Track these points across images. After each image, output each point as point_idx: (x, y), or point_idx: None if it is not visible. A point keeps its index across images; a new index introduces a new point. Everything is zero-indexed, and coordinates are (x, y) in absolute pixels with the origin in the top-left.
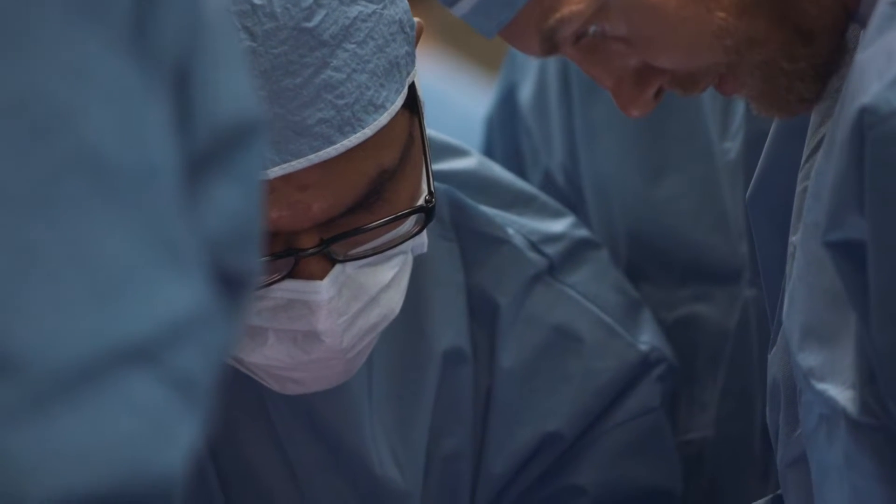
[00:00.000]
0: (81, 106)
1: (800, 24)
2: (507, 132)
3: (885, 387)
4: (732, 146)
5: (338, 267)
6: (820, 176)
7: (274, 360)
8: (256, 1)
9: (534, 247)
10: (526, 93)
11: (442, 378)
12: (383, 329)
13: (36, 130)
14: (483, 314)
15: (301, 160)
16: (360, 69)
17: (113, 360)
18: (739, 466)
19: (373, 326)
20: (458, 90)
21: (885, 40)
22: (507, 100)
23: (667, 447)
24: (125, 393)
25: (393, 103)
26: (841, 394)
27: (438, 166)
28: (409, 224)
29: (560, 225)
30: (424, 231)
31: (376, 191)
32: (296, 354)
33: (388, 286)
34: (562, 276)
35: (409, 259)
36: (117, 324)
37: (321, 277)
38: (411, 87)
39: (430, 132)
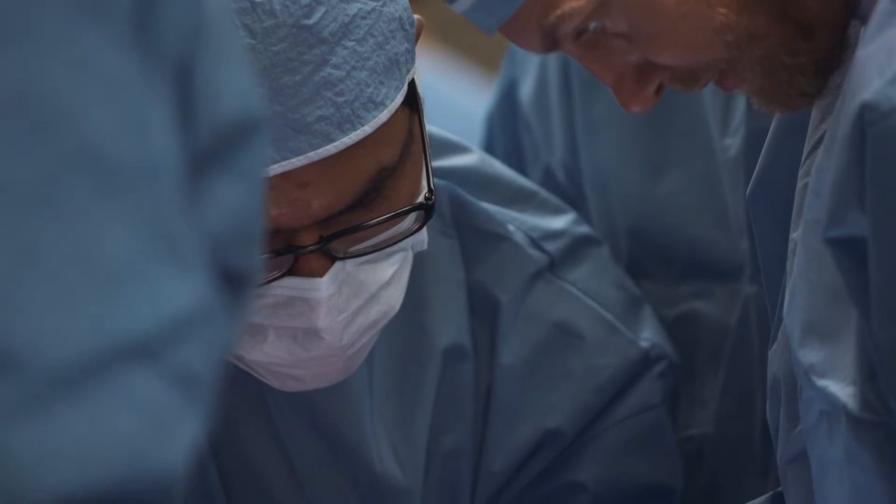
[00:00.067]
0: (83, 103)
1: (800, 19)
2: (507, 129)
3: (885, 383)
4: (733, 143)
5: (338, 264)
6: (821, 172)
7: (274, 358)
8: None
9: (534, 243)
10: (526, 89)
11: (442, 375)
12: (383, 326)
13: (37, 127)
14: (484, 311)
15: (301, 157)
16: (359, 66)
17: (114, 356)
18: (740, 463)
19: (373, 323)
20: (456, 90)
21: (886, 37)
22: (508, 96)
23: (667, 444)
24: (126, 390)
25: (393, 100)
26: (842, 390)
27: (439, 163)
28: (409, 221)
29: (561, 222)
30: (424, 228)
31: (376, 188)
32: (296, 352)
33: (388, 283)
34: (562, 273)
35: (410, 256)
36: (118, 320)
37: (321, 275)
38: (411, 85)
39: (431, 129)
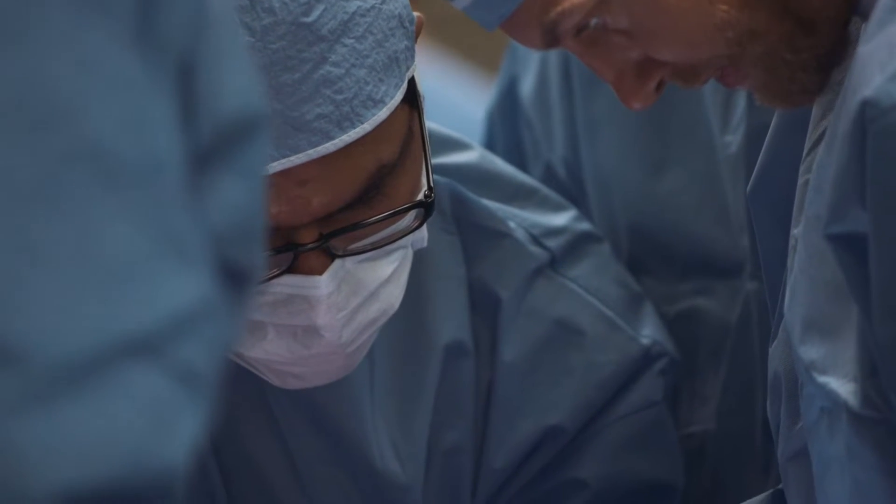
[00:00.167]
0: (85, 100)
1: (801, 15)
2: (508, 125)
3: (886, 380)
4: (734, 139)
5: (337, 262)
6: (821, 169)
7: (274, 355)
8: None
9: (535, 240)
10: (527, 86)
11: (443, 371)
12: (384, 323)
13: (39, 122)
14: (484, 308)
15: (300, 155)
16: (358, 64)
17: (116, 352)
18: (741, 460)
19: (372, 321)
20: (454, 90)
21: (886, 33)
22: (509, 93)
23: (668, 441)
24: (128, 386)
25: (392, 98)
26: (843, 387)
27: (440, 160)
28: (409, 219)
29: (562, 218)
30: (424, 226)
31: (375, 185)
32: (295, 349)
33: (387, 281)
34: (563, 270)
35: (409, 254)
36: (120, 316)
37: (320, 272)
38: (411, 82)
39: (431, 125)
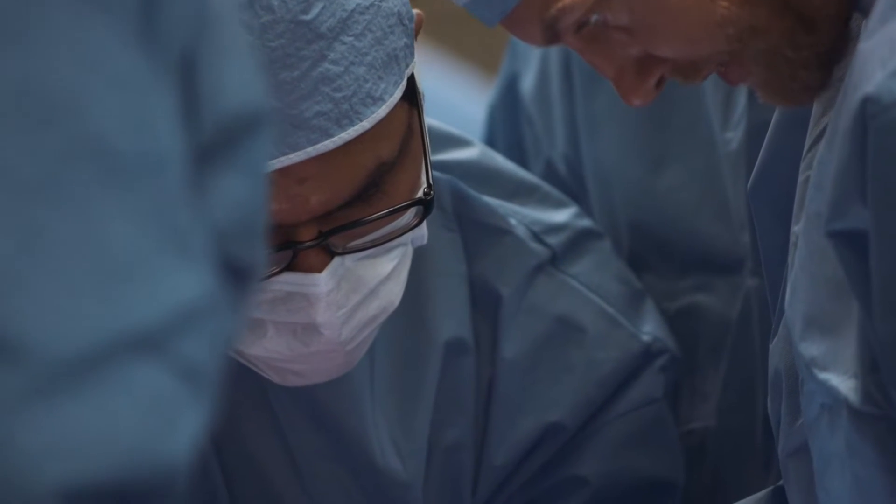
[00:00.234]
0: (87, 96)
1: (802, 12)
2: (508, 122)
3: (887, 376)
4: (734, 136)
5: (336, 259)
6: (822, 165)
7: (274, 353)
8: None
9: (536, 237)
10: (528, 82)
11: (444, 368)
12: (384, 321)
13: (42, 118)
14: (485, 305)
15: (299, 153)
16: (357, 62)
17: (117, 348)
18: (741, 457)
19: (372, 319)
20: (454, 90)
21: (887, 30)
22: (509, 89)
23: (669, 438)
24: (129, 382)
25: (391, 96)
26: (843, 383)
27: (440, 156)
28: (409, 216)
29: (562, 215)
30: (424, 223)
31: (375, 183)
32: (295, 347)
33: (387, 278)
34: (564, 267)
35: (409, 251)
36: (122, 312)
37: (320, 270)
38: (410, 80)
39: (432, 123)
